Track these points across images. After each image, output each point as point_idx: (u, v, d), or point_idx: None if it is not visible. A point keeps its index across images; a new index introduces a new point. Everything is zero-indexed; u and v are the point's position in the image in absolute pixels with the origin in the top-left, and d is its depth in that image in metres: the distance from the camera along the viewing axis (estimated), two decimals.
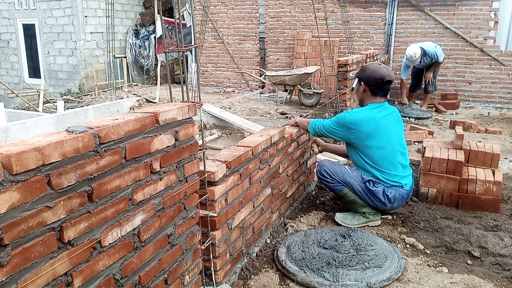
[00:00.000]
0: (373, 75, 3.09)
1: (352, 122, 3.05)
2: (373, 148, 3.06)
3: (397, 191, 3.07)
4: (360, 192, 3.08)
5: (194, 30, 9.33)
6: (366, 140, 3.06)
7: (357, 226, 3.08)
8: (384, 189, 3.05)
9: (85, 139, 1.31)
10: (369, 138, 3.04)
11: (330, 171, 3.11)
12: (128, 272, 1.54)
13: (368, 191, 3.07)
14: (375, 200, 3.07)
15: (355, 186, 3.08)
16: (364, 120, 3.04)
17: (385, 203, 3.07)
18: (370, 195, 3.07)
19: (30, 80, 10.61)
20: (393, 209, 3.21)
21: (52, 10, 9.98)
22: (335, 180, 3.10)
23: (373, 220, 3.13)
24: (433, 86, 7.38)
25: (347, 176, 3.09)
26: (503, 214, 3.33)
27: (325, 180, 3.14)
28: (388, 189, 3.06)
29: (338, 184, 3.10)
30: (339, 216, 3.16)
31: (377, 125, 3.04)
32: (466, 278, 2.46)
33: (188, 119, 1.84)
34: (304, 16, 9.02)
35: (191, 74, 9.62)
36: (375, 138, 3.04)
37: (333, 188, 3.13)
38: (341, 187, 3.10)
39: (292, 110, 7.31)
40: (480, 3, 7.64)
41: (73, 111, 6.99)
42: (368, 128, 3.03)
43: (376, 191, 3.04)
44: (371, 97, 3.16)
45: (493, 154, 3.63)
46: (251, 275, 2.50)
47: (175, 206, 1.80)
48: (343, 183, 3.09)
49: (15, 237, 1.11)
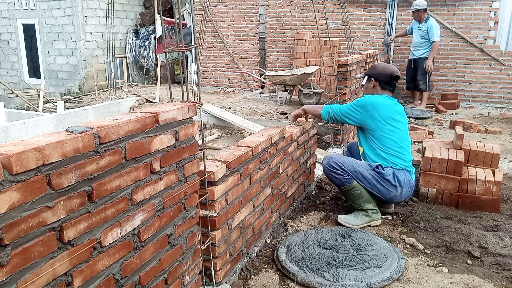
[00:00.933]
0: (383, 72, 3.29)
1: (372, 103, 3.18)
2: (386, 132, 3.15)
3: (406, 175, 3.14)
4: (370, 180, 3.09)
5: (194, 30, 9.33)
6: (381, 123, 3.15)
7: (360, 226, 3.08)
8: (394, 172, 3.10)
9: (85, 139, 1.31)
10: (385, 121, 3.15)
11: (340, 162, 3.11)
12: (128, 272, 1.54)
13: (379, 175, 3.09)
14: (385, 184, 3.09)
15: (365, 174, 3.10)
16: (383, 104, 3.19)
17: (396, 185, 3.08)
18: (380, 180, 3.09)
19: (30, 80, 10.61)
20: (401, 198, 3.19)
21: (52, 10, 9.98)
22: (345, 172, 3.09)
23: (375, 219, 3.14)
24: (426, 84, 7.36)
25: (356, 165, 3.13)
26: (503, 214, 3.33)
27: (335, 172, 3.10)
28: (398, 171, 3.12)
29: (347, 176, 3.10)
30: (342, 218, 3.16)
31: (393, 111, 3.19)
32: (466, 278, 2.46)
33: (188, 119, 1.84)
34: (304, 16, 9.02)
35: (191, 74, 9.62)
36: (390, 123, 3.16)
37: (343, 180, 3.10)
38: (350, 179, 3.10)
39: (292, 110, 7.31)
40: (480, 3, 7.63)
41: (73, 111, 6.98)
42: (386, 112, 3.17)
43: (386, 174, 3.08)
44: (380, 91, 3.32)
45: (493, 154, 3.63)
46: (251, 275, 2.50)
47: (175, 206, 1.80)
48: (353, 173, 3.10)
49: (15, 237, 1.11)
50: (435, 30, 7.07)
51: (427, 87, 7.40)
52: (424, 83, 7.36)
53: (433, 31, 7.08)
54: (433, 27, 7.08)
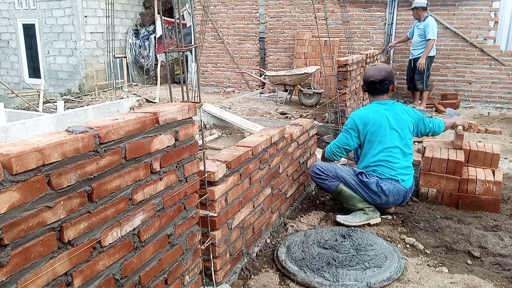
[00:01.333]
0: (364, 77, 3.35)
1: (358, 118, 3.24)
2: (372, 142, 3.18)
3: (392, 184, 3.12)
4: (354, 186, 3.15)
5: (194, 30, 9.33)
6: (368, 134, 3.19)
7: (359, 223, 3.09)
8: (378, 181, 3.11)
9: (85, 139, 1.31)
10: (370, 131, 3.18)
11: (322, 168, 3.21)
12: (128, 272, 1.54)
13: (361, 182, 3.14)
14: (369, 192, 3.12)
15: (348, 179, 3.16)
16: (364, 114, 3.23)
17: (379, 195, 3.10)
18: (363, 187, 3.13)
19: (30, 80, 10.61)
20: (389, 205, 3.21)
21: (52, 10, 9.98)
22: (329, 176, 3.17)
23: (373, 216, 3.14)
24: (424, 84, 7.34)
25: (339, 171, 3.19)
26: (503, 214, 3.33)
27: (319, 176, 3.20)
28: (382, 181, 3.11)
29: (332, 179, 3.17)
30: (340, 217, 3.17)
31: (376, 120, 3.19)
32: (466, 278, 2.46)
33: (188, 119, 1.84)
34: (304, 16, 9.02)
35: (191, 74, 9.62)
36: (375, 132, 3.17)
37: (329, 184, 3.18)
38: (335, 182, 3.17)
39: (292, 110, 7.31)
40: (480, 3, 7.63)
41: (73, 111, 6.98)
42: (368, 121, 3.19)
43: (368, 182, 3.11)
44: (371, 96, 3.36)
45: (493, 154, 3.63)
46: (251, 275, 2.50)
47: (175, 206, 1.80)
48: (337, 178, 3.16)
49: (15, 237, 1.11)
50: (431, 28, 7.03)
51: (424, 86, 7.36)
52: (421, 82, 7.33)
53: (429, 29, 7.04)
54: (429, 25, 7.04)
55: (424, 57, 7.14)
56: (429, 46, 7.09)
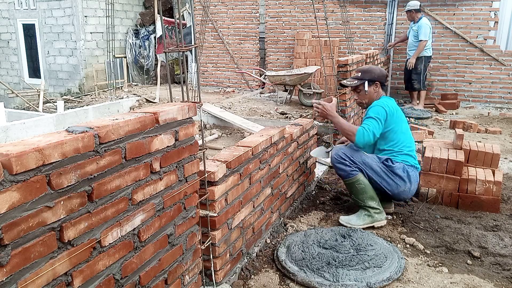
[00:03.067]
0: (381, 73, 3.33)
1: (388, 107, 3.16)
2: (398, 131, 3.17)
3: (415, 172, 3.16)
4: (379, 173, 3.08)
5: (194, 30, 9.32)
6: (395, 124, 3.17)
7: (362, 226, 3.06)
8: (405, 166, 3.11)
9: (85, 139, 1.31)
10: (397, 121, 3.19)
11: (349, 153, 3.10)
12: (128, 272, 1.54)
13: (388, 168, 3.09)
14: (394, 178, 3.08)
15: (374, 166, 3.09)
16: (393, 105, 3.23)
17: (405, 180, 3.09)
18: (389, 173, 3.09)
19: (30, 80, 10.60)
20: (407, 195, 3.19)
21: (52, 10, 9.98)
22: (353, 163, 3.08)
23: (378, 220, 3.11)
24: (420, 84, 7.38)
25: (365, 157, 3.11)
26: (503, 214, 3.33)
27: (343, 162, 3.07)
28: (409, 167, 3.13)
29: (355, 168, 3.07)
30: (344, 218, 3.14)
31: (398, 110, 3.24)
32: (466, 278, 2.46)
33: (188, 119, 1.84)
34: (304, 16, 9.02)
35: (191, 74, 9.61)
36: (399, 121, 3.20)
37: (349, 171, 3.06)
38: (356, 171, 3.07)
39: (292, 110, 7.31)
40: (480, 3, 7.63)
41: (73, 111, 6.98)
42: (396, 111, 3.21)
43: (396, 167, 3.08)
44: (381, 92, 3.35)
45: (493, 154, 3.63)
46: (251, 275, 2.50)
47: (175, 206, 1.80)
48: (362, 165, 3.08)
49: (15, 237, 1.11)
50: (423, 30, 7.11)
51: (421, 86, 7.40)
52: (418, 82, 7.37)
53: (421, 30, 7.13)
54: (422, 27, 7.13)
55: (415, 57, 7.25)
56: (420, 47, 7.19)
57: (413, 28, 7.32)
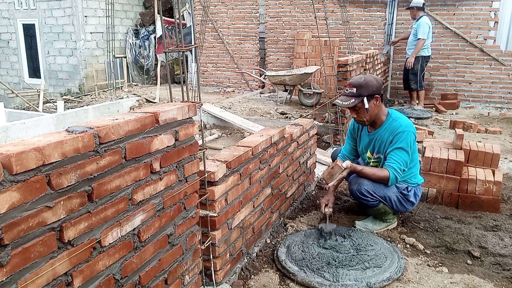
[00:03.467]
0: (378, 84, 3.00)
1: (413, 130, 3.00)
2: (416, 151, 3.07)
3: (420, 189, 3.12)
4: (395, 201, 2.99)
5: (194, 30, 9.32)
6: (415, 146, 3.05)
7: (379, 230, 3.05)
8: (415, 191, 3.05)
9: (85, 139, 1.31)
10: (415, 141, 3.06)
11: (372, 190, 2.93)
12: (128, 272, 1.54)
13: (404, 197, 3.01)
14: (407, 204, 3.04)
15: (393, 197, 2.98)
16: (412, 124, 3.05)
17: (415, 203, 3.07)
18: (403, 201, 3.02)
19: (30, 80, 10.60)
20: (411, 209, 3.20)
21: (52, 10, 9.98)
22: (375, 198, 2.95)
23: (393, 223, 3.12)
24: (417, 84, 7.36)
25: (386, 190, 2.97)
26: (503, 214, 3.33)
27: (365, 199, 2.95)
28: (417, 188, 3.08)
29: (376, 201, 2.97)
30: (360, 224, 3.10)
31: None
32: (466, 278, 2.46)
33: (188, 119, 1.84)
34: (304, 16, 9.02)
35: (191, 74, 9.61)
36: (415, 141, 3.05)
37: (370, 203, 2.98)
38: (378, 203, 2.98)
39: (292, 110, 7.31)
40: (480, 3, 7.63)
41: (73, 111, 6.98)
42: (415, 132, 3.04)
43: (410, 196, 3.02)
44: (382, 105, 3.06)
45: (493, 154, 3.63)
46: (251, 275, 2.50)
47: (175, 206, 1.80)
48: (383, 199, 2.97)
49: (15, 237, 1.11)
50: (422, 28, 7.07)
51: (418, 86, 7.37)
52: (415, 82, 7.35)
53: (420, 28, 7.09)
54: (421, 25, 7.09)
55: (413, 56, 7.20)
56: (418, 46, 7.15)
57: (413, 27, 7.32)
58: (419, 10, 7.21)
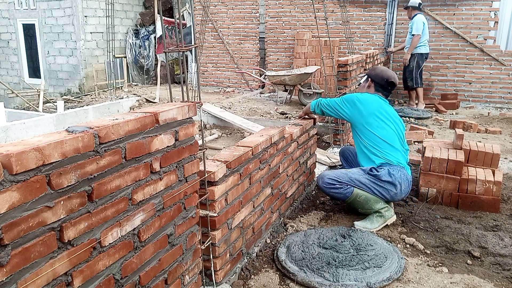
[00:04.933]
0: (381, 74, 3.38)
1: (359, 99, 3.27)
2: (374, 127, 3.18)
3: (401, 171, 3.12)
4: (368, 184, 3.07)
5: (194, 30, 9.33)
6: (369, 118, 3.19)
7: (378, 228, 3.06)
8: (389, 170, 3.09)
9: (85, 139, 1.31)
10: (372, 116, 3.20)
11: (333, 177, 3.10)
12: (128, 272, 1.54)
13: (374, 177, 3.08)
14: (384, 185, 3.07)
15: (362, 179, 3.08)
16: (370, 100, 3.27)
17: (394, 183, 3.06)
18: (377, 181, 3.07)
19: (30, 80, 10.60)
20: (402, 195, 3.19)
21: (52, 10, 9.98)
22: (343, 183, 3.06)
23: (389, 217, 3.12)
24: (413, 81, 7.37)
25: (350, 174, 3.12)
26: (503, 214, 3.33)
27: (333, 186, 3.07)
28: (392, 168, 3.10)
29: (346, 186, 3.06)
30: (358, 224, 3.10)
31: (380, 107, 3.25)
32: (466, 278, 2.46)
33: (188, 119, 1.84)
34: (304, 16, 9.02)
35: (191, 74, 9.61)
36: (377, 118, 3.20)
37: (344, 192, 3.06)
38: (350, 188, 3.06)
39: (292, 110, 7.31)
40: (480, 3, 7.63)
41: (73, 111, 6.98)
42: (372, 106, 3.23)
43: (381, 175, 3.06)
44: (373, 92, 3.40)
45: (493, 154, 3.63)
46: (251, 275, 2.50)
47: (175, 206, 1.80)
48: (350, 182, 3.07)
49: (15, 237, 1.11)
50: (416, 25, 7.12)
51: (414, 83, 7.38)
52: (411, 79, 7.36)
53: (414, 25, 7.15)
54: (415, 22, 7.14)
55: (409, 52, 7.23)
56: (413, 42, 7.17)
57: (409, 25, 7.36)
58: (414, 10, 7.28)
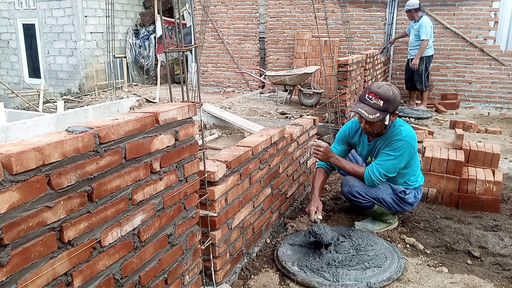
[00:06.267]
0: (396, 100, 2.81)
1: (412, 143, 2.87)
2: (415, 156, 2.99)
3: (421, 190, 3.11)
4: (390, 203, 2.97)
5: (194, 30, 9.32)
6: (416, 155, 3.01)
7: (379, 230, 3.05)
8: (415, 193, 3.03)
9: (85, 139, 1.31)
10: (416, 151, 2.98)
11: (363, 192, 2.93)
12: (128, 272, 1.54)
13: (400, 200, 2.99)
14: (405, 206, 3.02)
15: (387, 199, 2.96)
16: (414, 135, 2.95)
17: (413, 204, 3.06)
18: (400, 203, 3.00)
19: (30, 80, 10.60)
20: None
21: (52, 10, 9.98)
22: (368, 199, 2.94)
23: (393, 223, 3.11)
24: (423, 84, 7.36)
25: (379, 192, 2.95)
26: (503, 214, 3.33)
27: (357, 200, 2.95)
28: (417, 190, 3.06)
29: (369, 202, 2.96)
30: (359, 224, 3.10)
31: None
32: (466, 278, 2.46)
33: (188, 119, 1.84)
34: (304, 16, 9.02)
35: (191, 74, 9.61)
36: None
37: (364, 205, 2.98)
38: (372, 204, 2.97)
39: (292, 110, 7.31)
40: (480, 3, 7.63)
41: (73, 111, 6.98)
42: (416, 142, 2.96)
43: (408, 198, 2.98)
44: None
45: (493, 154, 3.63)
46: (251, 275, 2.50)
47: (175, 206, 1.80)
48: (376, 200, 2.95)
49: (15, 237, 1.11)
50: (424, 29, 7.08)
51: (423, 86, 7.39)
52: (420, 83, 7.36)
53: (422, 29, 7.10)
54: (423, 26, 7.09)
55: (418, 58, 7.20)
56: (422, 47, 7.15)
57: (414, 27, 7.29)
58: (417, 11, 7.23)
